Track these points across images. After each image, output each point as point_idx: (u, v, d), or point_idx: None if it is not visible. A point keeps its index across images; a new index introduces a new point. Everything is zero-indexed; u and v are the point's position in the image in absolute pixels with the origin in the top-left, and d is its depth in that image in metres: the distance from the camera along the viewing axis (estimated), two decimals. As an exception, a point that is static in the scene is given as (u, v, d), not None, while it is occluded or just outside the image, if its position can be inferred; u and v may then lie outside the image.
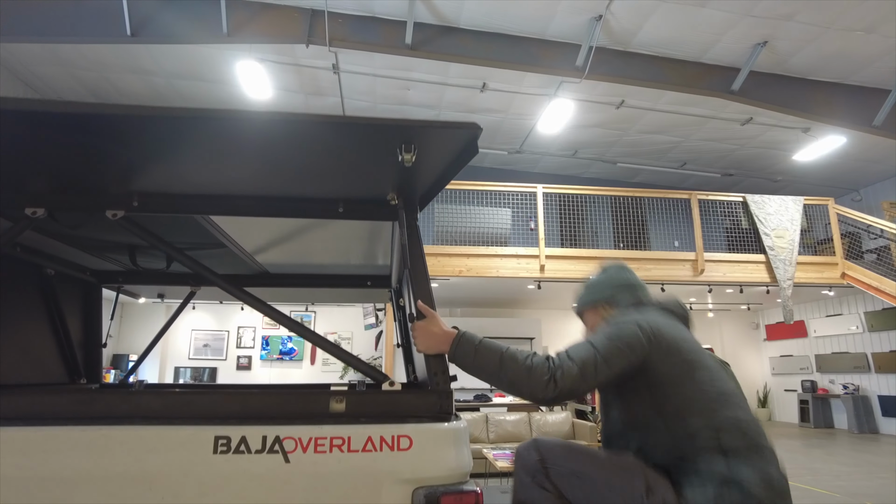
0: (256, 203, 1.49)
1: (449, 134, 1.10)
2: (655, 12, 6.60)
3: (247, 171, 1.35)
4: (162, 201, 1.45)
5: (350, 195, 1.46)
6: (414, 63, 7.79)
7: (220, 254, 2.20)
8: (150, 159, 1.32)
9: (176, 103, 9.45)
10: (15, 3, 6.54)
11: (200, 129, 1.16)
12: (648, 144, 10.26)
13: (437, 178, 1.32)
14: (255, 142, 1.20)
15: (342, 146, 1.17)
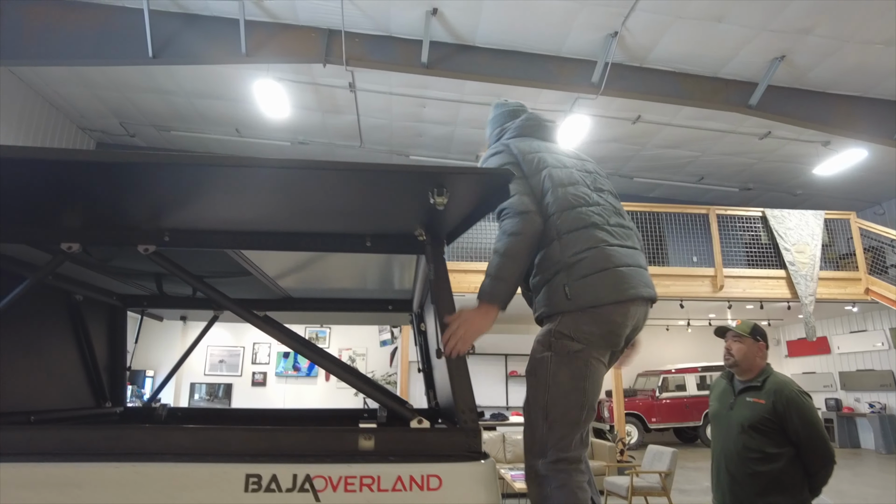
0: (284, 238, 1.50)
1: (482, 180, 1.10)
2: (671, 28, 6.59)
3: (276, 210, 1.36)
4: (192, 236, 1.46)
5: (378, 230, 1.46)
6: (430, 81, 7.84)
7: (245, 280, 2.21)
8: (181, 200, 1.34)
9: (195, 121, 9.61)
10: (44, 30, 6.71)
11: (231, 176, 1.17)
12: (666, 159, 10.21)
13: (466, 217, 1.31)
14: (286, 187, 1.21)
15: (374, 190, 1.18)
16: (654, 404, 11.57)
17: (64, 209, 1.37)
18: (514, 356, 11.60)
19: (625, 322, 1.70)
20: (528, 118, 2.13)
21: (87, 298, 2.30)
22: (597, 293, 1.66)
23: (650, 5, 6.22)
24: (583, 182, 1.90)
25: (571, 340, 1.66)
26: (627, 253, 1.78)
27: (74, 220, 1.41)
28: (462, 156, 10.31)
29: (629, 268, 1.73)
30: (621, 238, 1.80)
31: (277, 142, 10.16)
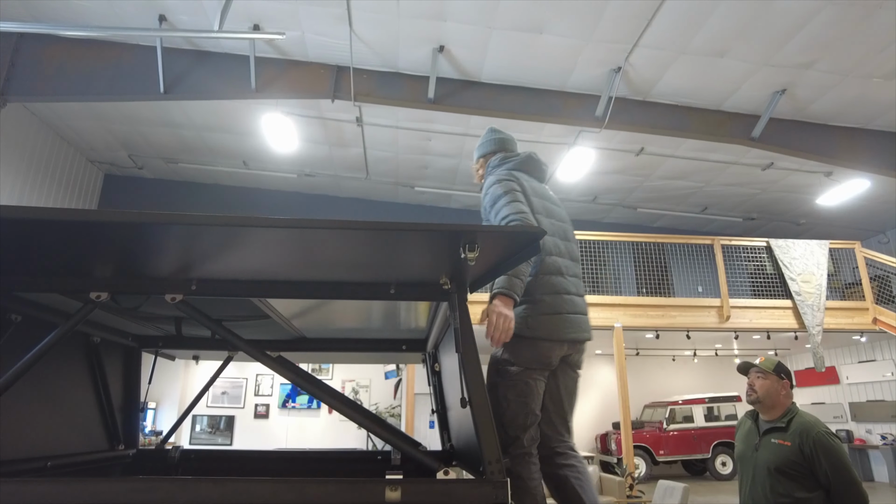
0: (309, 287, 1.51)
1: (514, 237, 1.13)
2: (674, 63, 6.71)
3: (301, 261, 1.38)
4: (219, 286, 1.48)
5: (403, 279, 1.48)
6: (436, 115, 7.95)
7: (261, 323, 2.22)
8: (209, 253, 1.36)
9: (202, 153, 9.72)
10: (60, 68, 6.86)
11: (258, 235, 1.19)
12: (669, 190, 10.28)
13: (492, 269, 1.33)
14: (314, 244, 1.23)
15: (403, 246, 1.20)
16: (662, 436, 11.41)
17: (93, 260, 1.40)
18: (520, 387, 11.49)
19: (557, 354, 2.13)
20: (531, 157, 2.47)
21: (104, 340, 2.31)
22: (545, 330, 2.09)
23: (653, 41, 6.35)
24: (559, 233, 2.31)
25: (512, 365, 2.09)
26: (579, 302, 2.23)
27: (105, 271, 1.43)
28: (466, 187, 10.39)
29: (576, 315, 2.19)
30: (577, 288, 2.26)
31: (284, 174, 10.27)
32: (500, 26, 6.26)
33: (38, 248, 1.32)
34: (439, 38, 6.53)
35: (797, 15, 5.85)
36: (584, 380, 9.32)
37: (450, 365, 2.02)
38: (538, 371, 2.10)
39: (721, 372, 13.10)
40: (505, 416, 2.05)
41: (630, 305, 8.85)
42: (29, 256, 1.34)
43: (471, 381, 1.40)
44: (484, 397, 1.40)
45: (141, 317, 2.21)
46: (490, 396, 1.93)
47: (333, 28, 6.46)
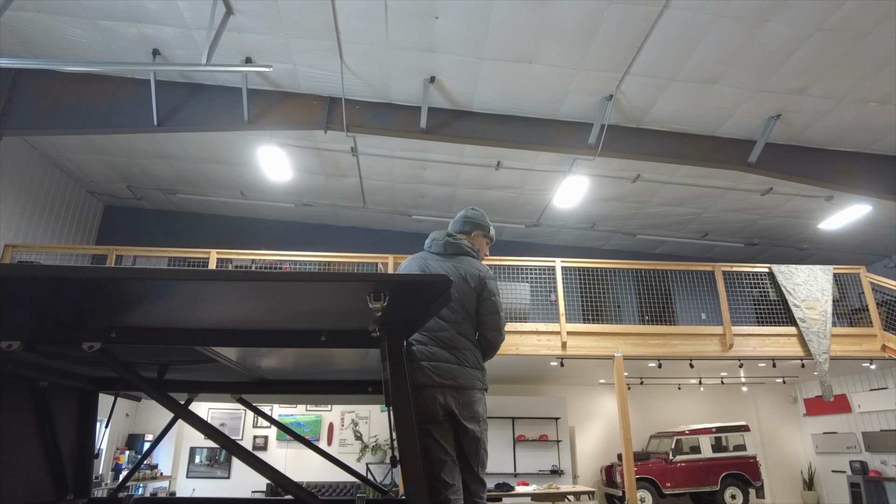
0: (238, 335, 1.43)
1: (421, 287, 1.06)
2: (666, 90, 6.69)
3: (224, 311, 1.31)
4: (142, 334, 1.40)
5: (333, 326, 1.40)
6: (430, 145, 7.95)
7: (215, 365, 2.13)
8: (128, 302, 1.29)
9: (200, 184, 9.76)
10: (56, 101, 6.94)
11: (174, 288, 1.12)
12: (668, 216, 10.19)
13: (417, 317, 1.25)
14: (229, 295, 1.16)
15: (319, 296, 1.13)
16: (668, 468, 11.09)
17: (4, 310, 1.32)
18: (522, 419, 11.25)
19: (429, 403, 2.45)
20: (431, 239, 2.84)
21: (54, 384, 2.23)
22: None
23: (644, 69, 6.34)
24: None
25: None
26: (435, 351, 2.56)
27: (18, 320, 1.36)
28: (464, 215, 10.33)
29: (428, 363, 2.53)
30: (434, 340, 2.58)
31: (282, 204, 10.28)
32: (489, 57, 6.28)
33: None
34: (430, 69, 6.55)
35: (788, 41, 5.83)
36: (587, 410, 9.25)
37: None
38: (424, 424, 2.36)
39: (728, 400, 12.80)
40: None
41: (631, 334, 8.69)
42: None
43: (402, 437, 1.31)
44: (416, 456, 1.31)
45: (86, 362, 2.13)
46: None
47: (325, 61, 6.50)
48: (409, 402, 1.35)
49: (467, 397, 2.45)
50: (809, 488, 12.15)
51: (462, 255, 2.69)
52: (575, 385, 12.26)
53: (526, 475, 10.51)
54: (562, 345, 8.39)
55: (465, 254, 2.70)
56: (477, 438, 2.43)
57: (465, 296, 2.56)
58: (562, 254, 9.36)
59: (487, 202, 9.94)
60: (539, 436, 11.08)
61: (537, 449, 11.03)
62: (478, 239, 2.85)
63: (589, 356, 8.49)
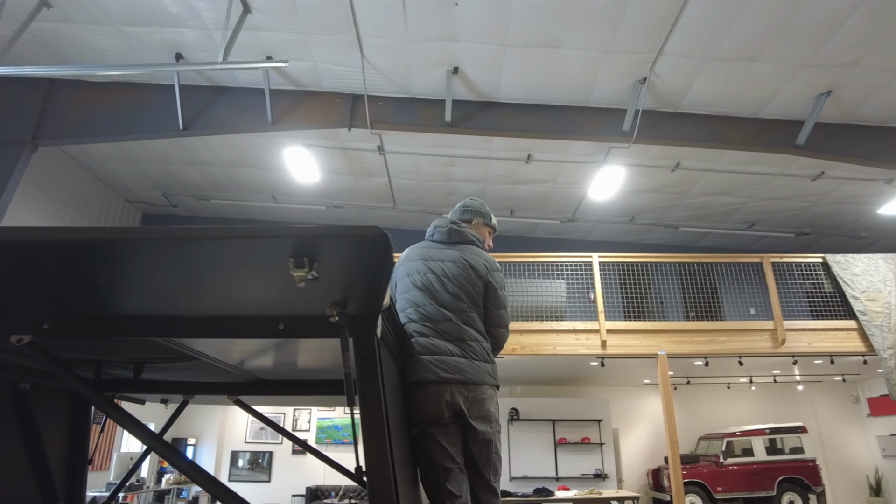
0: (186, 324, 1.24)
1: (348, 243, 0.84)
2: (703, 71, 6.29)
3: (156, 291, 1.12)
4: (78, 324, 1.23)
5: (290, 312, 1.19)
6: (457, 140, 7.75)
7: (206, 366, 1.96)
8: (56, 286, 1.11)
9: (232, 189, 9.82)
10: (86, 110, 7.04)
11: (99, 263, 0.94)
12: (711, 206, 9.67)
13: (371, 292, 1.03)
14: (139, 264, 0.96)
15: (231, 263, 0.92)
16: (719, 471, 10.53)
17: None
18: (563, 422, 10.89)
19: (430, 402, 2.25)
20: (433, 227, 2.68)
21: (37, 386, 2.11)
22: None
23: (678, 49, 5.97)
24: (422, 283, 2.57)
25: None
26: (437, 343, 2.39)
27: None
28: (496, 211, 10.00)
29: (429, 357, 2.36)
30: (435, 330, 2.42)
31: (313, 206, 10.25)
32: (513, 43, 6.03)
33: None
34: (452, 59, 6.35)
35: (834, 10, 5.37)
36: (631, 411, 8.79)
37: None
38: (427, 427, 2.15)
39: (782, 400, 12.09)
40: None
41: (674, 331, 8.26)
42: None
43: (369, 443, 1.10)
44: (386, 466, 1.09)
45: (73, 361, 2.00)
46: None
47: (345, 56, 6.37)
48: (379, 402, 1.13)
49: (477, 394, 2.22)
50: (877, 494, 11.34)
51: (466, 243, 2.54)
52: (618, 386, 11.81)
53: (568, 479, 10.15)
54: (601, 344, 8.04)
55: (470, 242, 2.56)
56: (488, 440, 2.19)
57: (471, 283, 2.40)
58: (600, 249, 8.97)
59: (519, 198, 9.66)
60: (581, 438, 10.70)
61: (580, 452, 10.65)
62: (479, 228, 2.67)
63: (630, 355, 8.11)
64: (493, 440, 2.22)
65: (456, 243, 2.52)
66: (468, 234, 2.55)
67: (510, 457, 10.48)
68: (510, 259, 8.48)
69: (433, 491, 2.05)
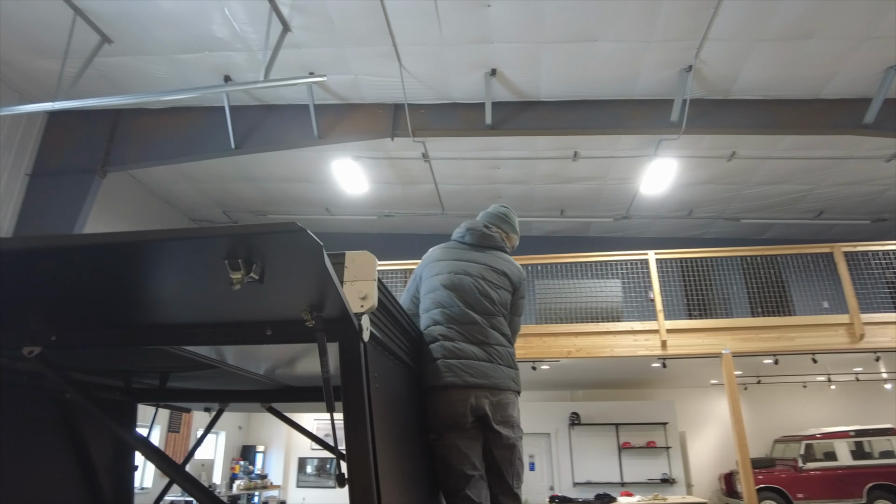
0: (186, 331, 1.28)
1: (274, 240, 0.84)
2: (753, 53, 5.98)
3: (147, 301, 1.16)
4: (80, 335, 1.30)
5: (277, 317, 1.21)
6: (500, 142, 7.71)
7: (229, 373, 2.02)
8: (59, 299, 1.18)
9: (286, 204, 10.15)
10: (147, 136, 7.46)
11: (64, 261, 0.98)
12: (773, 196, 9.16)
13: (330, 291, 1.02)
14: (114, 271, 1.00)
15: (179, 266, 0.94)
16: (799, 476, 9.90)
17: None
18: (627, 426, 10.57)
19: (453, 406, 2.23)
20: (466, 230, 2.66)
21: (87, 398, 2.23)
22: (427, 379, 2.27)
23: (724, 32, 5.70)
24: (456, 287, 2.54)
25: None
26: (464, 348, 2.37)
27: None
28: (545, 212, 9.97)
29: (457, 360, 2.34)
30: (464, 335, 2.40)
31: (365, 217, 10.45)
32: (549, 40, 5.94)
33: None
34: (489, 61, 6.32)
35: (898, -24, 4.99)
36: (699, 413, 8.44)
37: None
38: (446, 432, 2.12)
39: (866, 400, 11.25)
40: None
41: (739, 328, 7.84)
42: None
43: (352, 448, 1.09)
44: (369, 475, 1.08)
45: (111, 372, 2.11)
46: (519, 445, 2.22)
47: (384, 67, 6.47)
48: (363, 408, 1.13)
49: (501, 398, 2.20)
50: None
51: (497, 249, 2.55)
52: (683, 387, 11.35)
53: (634, 485, 9.83)
54: (661, 344, 7.73)
55: (500, 248, 2.57)
56: (511, 445, 2.17)
57: (503, 288, 2.42)
58: (658, 246, 8.63)
59: (568, 197, 9.48)
60: (646, 442, 10.35)
61: (645, 456, 10.30)
62: (511, 238, 2.67)
63: (692, 355, 7.78)
64: (517, 445, 2.20)
65: (487, 248, 2.52)
66: (499, 241, 2.56)
67: (572, 462, 10.26)
68: (562, 260, 8.33)
69: (452, 498, 2.02)
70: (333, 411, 1.15)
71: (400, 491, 1.41)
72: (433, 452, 2.10)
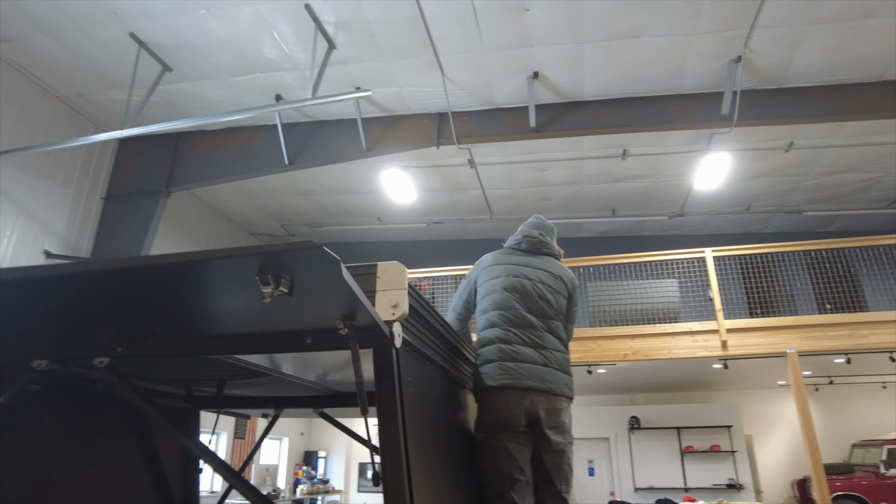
0: (231, 342, 1.39)
1: (298, 257, 0.91)
2: (807, 39, 5.74)
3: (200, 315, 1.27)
4: (143, 346, 1.43)
5: (316, 326, 1.29)
6: (546, 144, 7.68)
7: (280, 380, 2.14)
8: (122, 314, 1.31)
9: (340, 215, 10.43)
10: (206, 156, 7.87)
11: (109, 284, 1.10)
12: (837, 186, 8.71)
13: (358, 301, 1.09)
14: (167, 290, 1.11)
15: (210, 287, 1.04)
16: (882, 483, 9.33)
17: (31, 329, 1.42)
18: (689, 429, 10.25)
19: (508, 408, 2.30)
20: (522, 238, 2.74)
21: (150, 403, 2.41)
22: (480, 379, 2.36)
23: (774, 19, 5.51)
24: (517, 289, 2.61)
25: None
26: (523, 351, 2.45)
27: (42, 340, 1.46)
28: (596, 212, 9.83)
29: (515, 363, 2.41)
30: (523, 339, 2.46)
31: (415, 224, 10.60)
32: (591, 39, 5.90)
33: None
34: (531, 64, 6.34)
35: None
36: (766, 416, 8.23)
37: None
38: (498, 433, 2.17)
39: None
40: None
41: (805, 326, 7.48)
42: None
43: (386, 449, 1.16)
44: (401, 476, 1.15)
45: (175, 381, 2.27)
46: (568, 450, 2.27)
47: (426, 77, 6.59)
48: (395, 411, 1.20)
49: (555, 404, 2.25)
50: None
51: (552, 256, 2.65)
52: (748, 389, 10.91)
53: (698, 490, 9.52)
54: (721, 344, 7.49)
55: (555, 256, 2.67)
56: (561, 451, 2.20)
57: (560, 293, 2.51)
58: (716, 243, 8.35)
59: (620, 196, 9.33)
60: (710, 446, 10.00)
61: (709, 461, 9.96)
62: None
63: (755, 355, 7.49)
64: (567, 451, 2.23)
65: (544, 254, 2.60)
66: (555, 248, 2.66)
67: (633, 467, 10.03)
68: (614, 261, 8.19)
69: (496, 499, 2.04)
70: (367, 415, 1.23)
71: (434, 490, 1.47)
72: (481, 452, 2.12)
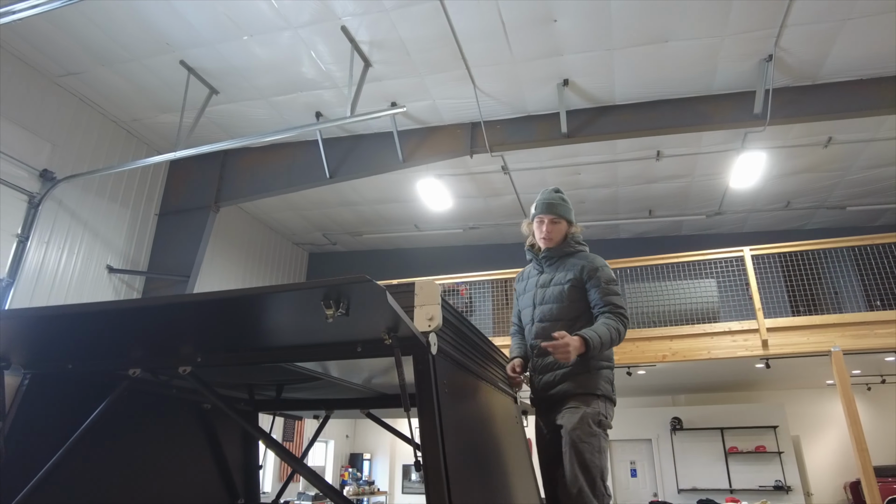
0: (291, 352, 1.62)
1: (354, 288, 1.13)
2: (840, 34, 5.70)
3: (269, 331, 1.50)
4: (218, 356, 1.67)
5: (367, 336, 1.51)
6: (579, 148, 7.78)
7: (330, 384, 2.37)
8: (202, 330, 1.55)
9: (379, 224, 10.74)
10: (252, 171, 8.27)
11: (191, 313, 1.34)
12: (881, 180, 8.50)
13: (399, 317, 1.30)
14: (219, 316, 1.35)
15: (291, 309, 1.26)
16: (938, 485, 9.02)
17: (128, 343, 1.69)
18: (733, 430, 10.13)
19: None
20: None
21: (216, 407, 2.68)
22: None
23: (804, 16, 5.50)
24: None
25: (606, 419, 2.42)
26: None
27: (137, 352, 1.72)
28: (632, 213, 9.84)
29: None
30: None
31: (451, 230, 10.83)
32: (619, 46, 6.00)
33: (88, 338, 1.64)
34: (560, 72, 6.47)
35: None
36: (814, 416, 8.28)
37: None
38: None
39: None
40: (604, 470, 2.30)
41: (850, 324, 7.35)
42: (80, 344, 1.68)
43: (426, 442, 1.36)
44: (439, 465, 1.35)
45: (235, 386, 2.54)
46: (588, 450, 2.29)
47: (459, 89, 6.80)
48: (433, 409, 1.40)
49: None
50: None
51: (561, 257, 2.80)
52: (794, 388, 10.70)
53: (743, 491, 9.41)
54: (762, 343, 7.43)
55: (566, 255, 2.79)
56: None
57: (574, 287, 2.70)
58: (756, 241, 8.28)
59: (655, 196, 9.33)
60: (755, 447, 9.86)
61: (754, 462, 9.82)
62: (573, 228, 2.88)
63: (798, 354, 7.39)
64: None
65: (553, 258, 2.82)
66: (562, 248, 2.82)
67: (676, 468, 9.98)
68: (651, 262, 8.21)
69: (602, 480, 2.26)
70: (410, 414, 1.43)
71: (470, 475, 1.66)
72: (599, 444, 2.31)
